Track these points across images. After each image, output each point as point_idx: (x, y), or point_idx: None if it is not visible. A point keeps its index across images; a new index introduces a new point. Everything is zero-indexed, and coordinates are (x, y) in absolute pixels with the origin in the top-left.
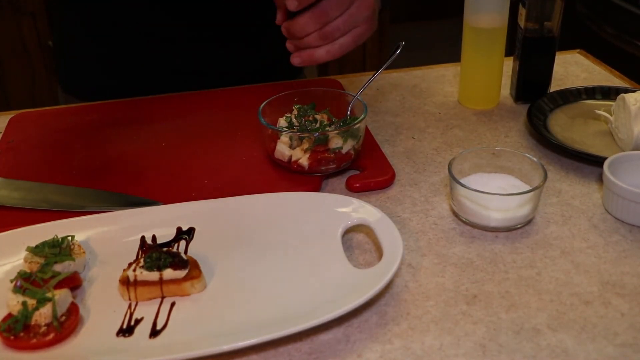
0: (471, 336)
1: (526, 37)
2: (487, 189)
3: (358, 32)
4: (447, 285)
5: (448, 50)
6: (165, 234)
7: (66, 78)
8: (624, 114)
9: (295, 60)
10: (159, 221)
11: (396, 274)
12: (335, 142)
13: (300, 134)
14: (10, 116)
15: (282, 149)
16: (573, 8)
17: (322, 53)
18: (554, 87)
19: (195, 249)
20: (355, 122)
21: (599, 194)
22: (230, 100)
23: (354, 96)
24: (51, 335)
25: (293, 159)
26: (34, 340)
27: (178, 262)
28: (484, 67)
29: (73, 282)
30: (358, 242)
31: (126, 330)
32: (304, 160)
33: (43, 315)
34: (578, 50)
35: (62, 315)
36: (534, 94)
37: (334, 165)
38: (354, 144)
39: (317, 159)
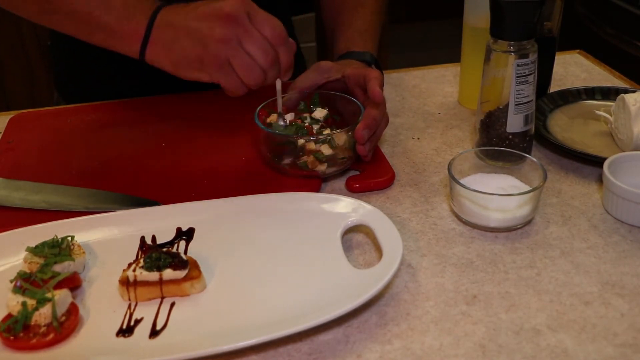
0: (471, 336)
1: None
2: (487, 189)
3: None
4: (446, 285)
5: (448, 50)
6: (165, 234)
7: (62, 78)
8: (624, 114)
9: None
10: (158, 221)
11: (396, 275)
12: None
13: (303, 137)
14: (10, 116)
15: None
16: (573, 8)
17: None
18: (553, 88)
19: (195, 249)
20: (355, 124)
21: (599, 194)
22: (230, 100)
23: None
24: (51, 336)
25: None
26: (34, 341)
27: (178, 262)
28: None
29: (73, 283)
30: (358, 242)
31: (126, 331)
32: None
33: (43, 315)
34: (578, 50)
35: (62, 316)
36: None
37: (335, 168)
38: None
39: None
